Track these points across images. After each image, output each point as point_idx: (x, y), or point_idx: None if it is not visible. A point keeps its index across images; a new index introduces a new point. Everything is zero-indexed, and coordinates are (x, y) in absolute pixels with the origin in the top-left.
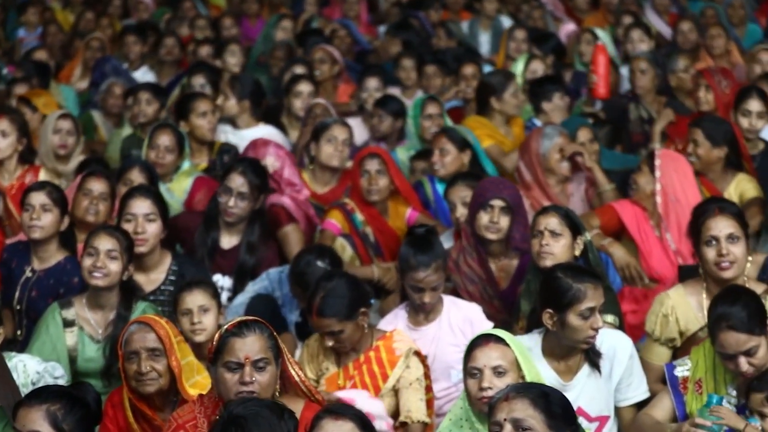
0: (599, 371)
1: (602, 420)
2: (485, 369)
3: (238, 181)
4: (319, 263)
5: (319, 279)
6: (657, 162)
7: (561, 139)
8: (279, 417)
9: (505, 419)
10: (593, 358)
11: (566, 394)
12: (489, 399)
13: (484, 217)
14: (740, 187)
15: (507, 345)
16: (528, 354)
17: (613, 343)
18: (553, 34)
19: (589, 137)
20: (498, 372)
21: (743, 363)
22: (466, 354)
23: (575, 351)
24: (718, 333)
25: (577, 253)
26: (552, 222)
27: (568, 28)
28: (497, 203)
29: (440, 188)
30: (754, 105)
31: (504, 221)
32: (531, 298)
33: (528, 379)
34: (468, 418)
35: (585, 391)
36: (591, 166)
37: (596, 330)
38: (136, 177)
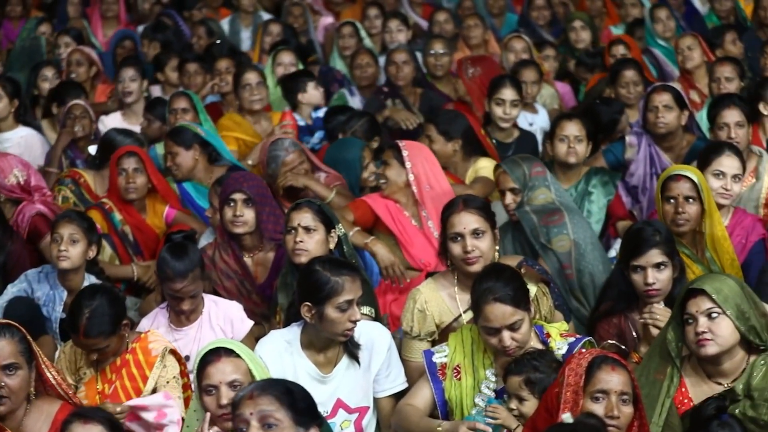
0: (358, 363)
1: (362, 411)
2: (221, 386)
3: None
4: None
5: (81, 298)
6: (405, 153)
7: (290, 157)
8: None
9: (251, 414)
10: (352, 349)
11: (326, 386)
12: None
13: (228, 212)
14: (476, 168)
15: (238, 356)
16: (258, 359)
17: (371, 334)
18: (296, 36)
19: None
20: (233, 386)
21: (507, 338)
22: (199, 371)
23: (334, 343)
24: (484, 306)
25: (332, 246)
26: (306, 218)
27: (326, 21)
28: (238, 196)
29: (188, 187)
30: (508, 94)
31: (248, 213)
32: (288, 290)
33: None
34: None
35: (344, 383)
36: (306, 185)
37: (354, 322)
38: None
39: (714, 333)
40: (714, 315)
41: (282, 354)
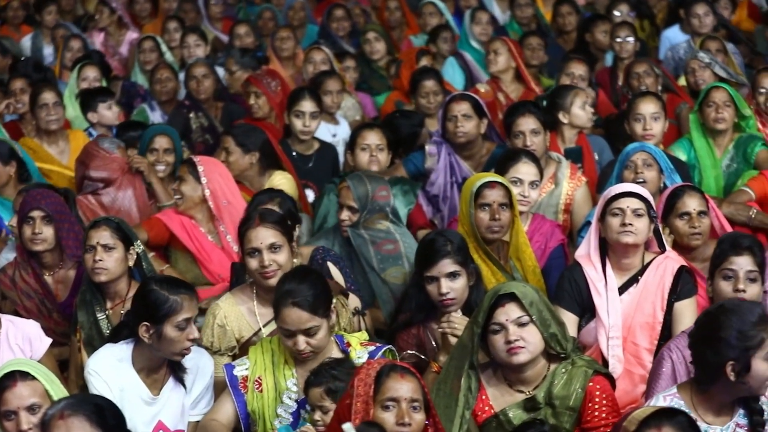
0: (184, 386)
1: None
2: (20, 411)
3: None
4: None
5: None
6: (201, 168)
7: (119, 152)
8: None
9: None
10: (178, 372)
11: (153, 407)
12: None
13: (27, 230)
14: (271, 182)
15: (34, 378)
16: (54, 377)
17: (196, 360)
18: (98, 53)
19: (165, 146)
20: (32, 409)
21: (301, 342)
22: None
23: (163, 364)
24: (282, 309)
25: (131, 263)
26: (104, 236)
27: (132, 36)
28: (36, 214)
29: None
30: (307, 105)
31: (47, 231)
32: (87, 308)
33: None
34: None
35: (168, 405)
36: (151, 181)
37: (193, 340)
38: None
39: (525, 340)
40: (523, 322)
41: (115, 371)
